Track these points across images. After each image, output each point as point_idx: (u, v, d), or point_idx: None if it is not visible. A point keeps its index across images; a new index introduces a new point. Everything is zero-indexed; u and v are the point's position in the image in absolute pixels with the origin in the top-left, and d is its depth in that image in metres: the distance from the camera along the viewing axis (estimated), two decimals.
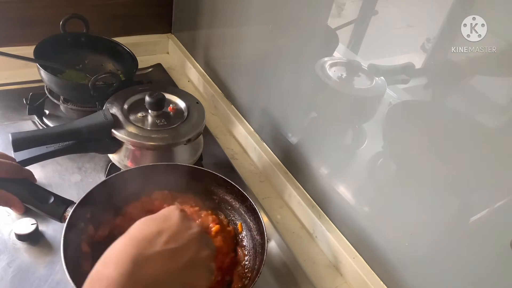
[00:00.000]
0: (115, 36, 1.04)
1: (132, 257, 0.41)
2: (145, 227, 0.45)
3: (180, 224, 0.46)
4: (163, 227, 0.45)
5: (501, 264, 0.52)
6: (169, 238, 0.44)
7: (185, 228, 0.46)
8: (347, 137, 0.78)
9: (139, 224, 0.45)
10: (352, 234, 0.75)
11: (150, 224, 0.45)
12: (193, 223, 0.48)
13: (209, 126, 1.03)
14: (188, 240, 0.45)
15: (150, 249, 0.42)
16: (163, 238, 0.43)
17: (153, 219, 0.46)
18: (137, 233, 0.44)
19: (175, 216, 0.47)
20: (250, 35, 0.95)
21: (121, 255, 0.41)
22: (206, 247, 0.47)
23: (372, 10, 0.65)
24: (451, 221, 0.59)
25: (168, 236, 0.44)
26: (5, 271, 0.64)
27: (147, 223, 0.46)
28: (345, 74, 0.72)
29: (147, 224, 0.45)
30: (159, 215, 0.47)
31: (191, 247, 0.45)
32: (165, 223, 0.46)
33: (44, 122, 0.91)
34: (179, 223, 0.46)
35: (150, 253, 0.41)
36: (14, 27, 1.03)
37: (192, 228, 0.47)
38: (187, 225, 0.46)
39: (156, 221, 0.46)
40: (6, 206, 0.63)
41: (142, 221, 0.46)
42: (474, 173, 0.55)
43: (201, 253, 0.46)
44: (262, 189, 0.90)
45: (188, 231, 0.46)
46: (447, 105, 0.58)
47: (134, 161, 0.78)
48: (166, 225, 0.45)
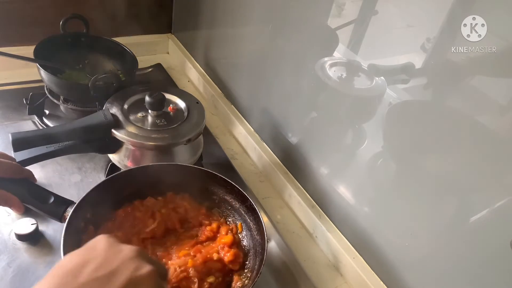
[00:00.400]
0: (115, 36, 1.04)
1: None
2: (67, 262, 0.42)
3: (107, 250, 0.44)
4: (89, 257, 0.42)
5: (501, 264, 0.52)
6: (97, 266, 0.41)
7: (114, 253, 0.43)
8: (347, 137, 0.78)
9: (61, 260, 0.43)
10: (352, 234, 0.75)
11: (73, 258, 0.43)
12: (124, 246, 0.45)
13: (209, 126, 1.03)
14: (120, 263, 0.42)
15: (74, 283, 0.39)
16: (90, 267, 0.41)
17: (76, 252, 0.44)
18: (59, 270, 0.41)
19: (101, 243, 0.45)
20: (250, 35, 0.95)
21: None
22: (146, 264, 0.44)
23: (372, 10, 0.65)
24: (451, 221, 0.59)
25: (95, 264, 0.41)
26: (5, 271, 0.64)
27: (70, 257, 0.43)
28: (345, 74, 0.72)
29: (69, 258, 0.43)
30: (84, 246, 0.45)
31: (127, 267, 0.42)
32: (91, 253, 0.43)
33: (44, 122, 0.91)
34: (107, 248, 0.44)
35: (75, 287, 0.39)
36: (14, 27, 1.03)
37: (123, 251, 0.44)
38: (116, 249, 0.44)
39: (80, 253, 0.43)
40: (6, 206, 0.63)
41: (65, 257, 0.43)
42: (474, 173, 0.55)
43: (140, 270, 0.43)
44: (262, 189, 0.90)
45: (119, 255, 0.43)
46: (447, 105, 0.58)
47: (134, 161, 0.78)
48: (92, 255, 0.43)
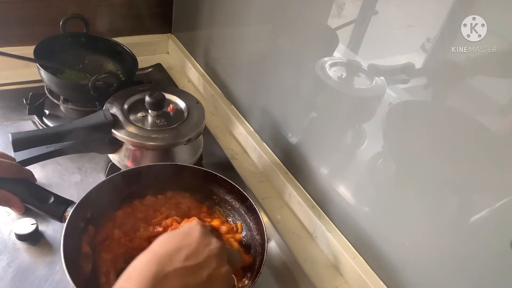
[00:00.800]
0: (115, 36, 1.04)
1: (152, 274, 0.42)
2: (166, 244, 0.46)
3: (199, 241, 0.47)
4: (183, 244, 0.46)
5: (501, 264, 0.52)
6: (189, 255, 0.45)
7: (204, 245, 0.47)
8: (347, 137, 0.78)
9: (161, 240, 0.47)
10: (352, 234, 0.75)
11: (171, 241, 0.47)
12: (213, 239, 0.49)
13: (209, 126, 1.03)
14: (207, 256, 0.46)
15: (170, 266, 0.43)
16: (183, 254, 0.45)
17: (174, 235, 0.48)
18: (158, 250, 0.46)
19: (195, 232, 0.48)
20: (250, 35, 0.95)
21: (143, 271, 0.43)
22: (225, 264, 0.48)
23: (372, 10, 0.65)
24: (451, 221, 0.59)
25: (187, 252, 0.45)
26: (5, 271, 0.64)
27: (168, 239, 0.47)
28: (345, 74, 0.72)
29: (168, 240, 0.47)
30: (180, 231, 0.49)
31: (210, 263, 0.46)
32: (186, 240, 0.47)
33: (44, 122, 0.91)
34: (199, 239, 0.48)
35: (170, 270, 0.43)
36: (14, 27, 1.03)
37: (212, 245, 0.48)
38: (207, 241, 0.48)
39: (176, 237, 0.48)
40: (6, 206, 0.64)
41: (164, 237, 0.47)
42: (474, 173, 0.55)
43: (220, 269, 0.47)
44: (262, 189, 0.90)
45: (207, 248, 0.47)
46: (447, 105, 0.58)
47: (134, 161, 0.78)
48: (186, 242, 0.47)
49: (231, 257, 0.51)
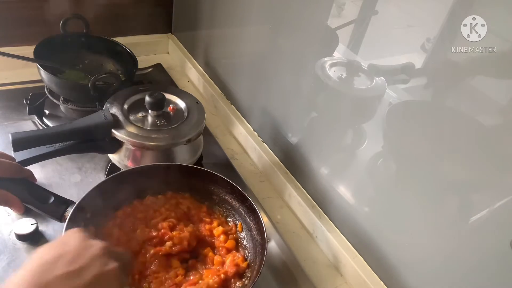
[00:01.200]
0: (115, 36, 1.04)
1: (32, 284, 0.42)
2: (43, 255, 0.46)
3: (79, 246, 0.47)
4: (62, 251, 0.46)
5: (501, 264, 0.52)
6: (70, 260, 0.45)
7: (85, 248, 0.47)
8: (347, 137, 0.78)
9: (37, 252, 0.46)
10: (352, 234, 0.75)
11: (50, 250, 0.46)
12: (94, 241, 0.49)
13: (209, 126, 1.03)
14: (89, 258, 0.46)
15: (50, 274, 0.43)
16: (63, 261, 0.45)
17: (51, 245, 0.47)
18: (35, 262, 0.45)
19: (74, 238, 0.48)
20: (250, 35, 0.95)
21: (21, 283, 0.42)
22: (112, 261, 0.48)
23: (372, 10, 0.65)
24: (451, 221, 0.59)
25: (68, 258, 0.45)
26: (5, 271, 0.64)
27: (45, 250, 0.47)
28: (345, 74, 0.72)
29: (45, 251, 0.46)
30: (58, 240, 0.48)
31: (94, 264, 0.46)
32: (64, 247, 0.47)
33: (44, 122, 0.91)
34: (79, 244, 0.47)
35: (50, 278, 0.43)
36: (14, 27, 1.03)
37: (93, 246, 0.48)
38: (87, 244, 0.48)
39: (54, 246, 0.47)
40: (6, 206, 0.64)
41: (41, 249, 0.47)
42: (474, 173, 0.55)
43: (106, 267, 0.47)
44: (262, 189, 0.90)
45: (89, 250, 0.47)
46: (447, 105, 0.58)
47: (134, 161, 0.78)
48: (65, 249, 0.46)
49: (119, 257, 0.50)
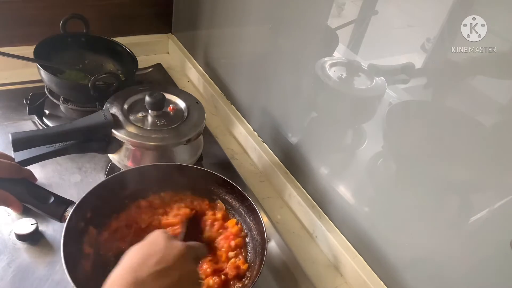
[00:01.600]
0: (115, 36, 1.04)
1: (131, 282, 0.46)
2: (135, 255, 0.50)
3: (165, 246, 0.51)
4: (152, 251, 0.50)
5: (501, 264, 0.52)
6: (158, 260, 0.49)
7: (171, 249, 0.51)
8: (347, 137, 0.78)
9: (130, 253, 0.50)
10: (352, 234, 0.75)
11: (139, 251, 0.50)
12: (177, 242, 0.53)
13: (209, 126, 1.03)
14: (174, 258, 0.50)
15: (144, 272, 0.47)
16: (153, 260, 0.48)
17: (141, 245, 0.51)
18: (130, 261, 0.49)
19: (160, 239, 0.52)
20: (250, 35, 0.95)
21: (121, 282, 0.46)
22: (191, 261, 0.53)
23: (372, 10, 0.65)
24: (451, 221, 0.59)
25: (157, 258, 0.49)
26: (5, 271, 0.64)
27: (136, 251, 0.51)
28: (345, 74, 0.72)
29: (137, 252, 0.50)
30: (146, 241, 0.52)
31: (179, 264, 0.50)
32: (153, 247, 0.51)
33: (44, 122, 0.91)
34: (165, 245, 0.51)
35: (144, 276, 0.47)
36: (14, 27, 1.03)
37: (177, 247, 0.52)
38: (172, 245, 0.52)
39: (144, 247, 0.51)
40: (4, 205, 0.64)
41: (132, 250, 0.51)
42: (474, 173, 0.55)
43: (188, 268, 0.52)
44: (262, 189, 0.90)
45: (174, 251, 0.51)
46: (447, 105, 0.58)
47: (134, 161, 0.78)
48: (154, 249, 0.50)
49: (197, 251, 0.56)
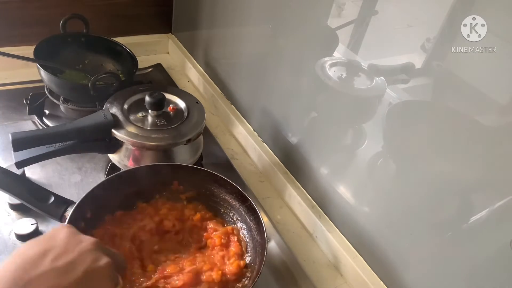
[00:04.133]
0: (115, 36, 1.04)
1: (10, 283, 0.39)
2: (27, 250, 0.43)
3: (67, 241, 0.44)
4: (49, 246, 0.43)
5: (501, 264, 0.52)
6: (56, 256, 0.42)
7: (74, 243, 0.44)
8: (347, 137, 0.78)
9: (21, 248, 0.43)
10: (352, 234, 0.75)
11: (33, 246, 0.43)
12: (84, 237, 0.46)
13: (209, 126, 1.03)
14: (79, 253, 0.43)
15: (33, 271, 0.40)
16: (50, 257, 0.42)
17: (36, 240, 0.44)
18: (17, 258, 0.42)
19: (61, 233, 0.45)
20: (250, 35, 0.95)
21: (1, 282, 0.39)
22: (103, 256, 0.45)
23: (372, 10, 0.65)
24: (451, 221, 0.59)
25: (55, 254, 0.42)
26: None
27: (30, 245, 0.43)
28: (345, 74, 0.72)
29: (30, 246, 0.43)
30: (44, 235, 0.45)
31: (84, 259, 0.43)
32: (51, 242, 0.44)
33: (44, 122, 0.91)
34: (67, 239, 0.44)
35: (33, 275, 0.40)
36: (14, 27, 1.03)
37: (83, 242, 0.45)
38: (76, 239, 0.45)
39: (40, 242, 0.44)
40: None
41: (25, 244, 0.44)
42: (474, 173, 0.55)
43: (98, 263, 0.44)
44: (262, 189, 0.90)
45: (79, 245, 0.44)
46: (447, 105, 0.58)
47: (134, 161, 0.78)
48: (52, 244, 0.43)
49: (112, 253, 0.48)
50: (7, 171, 0.66)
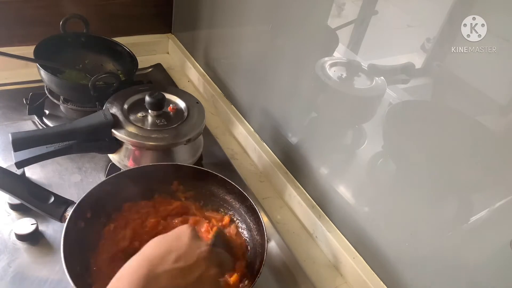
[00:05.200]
0: (115, 36, 1.04)
1: (144, 274, 0.44)
2: (157, 246, 0.48)
3: (190, 244, 0.49)
4: (174, 246, 0.48)
5: (501, 264, 0.52)
6: (179, 257, 0.46)
7: (195, 248, 0.48)
8: (347, 137, 0.78)
9: (152, 243, 0.48)
10: (352, 234, 0.75)
11: (162, 244, 0.48)
12: (203, 241, 0.50)
13: (209, 126, 1.03)
14: (197, 258, 0.48)
15: (161, 267, 0.45)
16: (173, 256, 0.46)
17: (165, 238, 0.49)
18: (149, 252, 0.47)
19: (185, 235, 0.50)
20: (250, 35, 0.95)
21: (135, 272, 0.44)
22: (215, 265, 0.50)
23: (372, 10, 0.65)
24: (451, 221, 0.59)
25: (177, 255, 0.47)
26: (5, 271, 0.64)
27: (159, 242, 0.48)
28: (345, 74, 0.72)
29: (159, 243, 0.48)
30: (171, 234, 0.50)
31: (200, 265, 0.47)
32: (176, 242, 0.48)
33: (44, 122, 0.91)
34: (189, 242, 0.49)
35: (160, 271, 0.44)
36: (14, 27, 1.03)
37: (201, 247, 0.49)
38: (197, 244, 0.49)
39: (167, 240, 0.49)
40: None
41: (155, 240, 0.49)
42: (474, 173, 0.55)
43: (209, 271, 0.49)
44: (262, 189, 0.90)
45: (197, 250, 0.48)
46: (447, 105, 0.58)
47: (134, 161, 0.78)
48: (177, 244, 0.48)
49: (221, 260, 0.52)
50: (7, 171, 0.66)
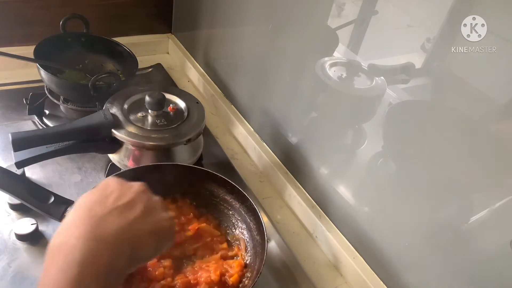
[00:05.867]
0: (115, 36, 1.04)
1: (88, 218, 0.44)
2: (90, 197, 0.48)
3: (121, 186, 0.50)
4: (106, 192, 0.48)
5: (501, 264, 0.52)
6: (117, 198, 0.47)
7: (127, 188, 0.49)
8: (347, 137, 0.78)
9: (83, 197, 0.48)
10: (352, 234, 0.75)
11: (94, 193, 0.48)
12: (133, 183, 0.51)
13: (209, 126, 1.03)
14: (135, 194, 0.49)
15: (103, 210, 0.45)
16: (111, 199, 0.47)
17: (93, 190, 0.49)
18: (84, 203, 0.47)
19: (113, 181, 0.50)
20: (250, 35, 0.95)
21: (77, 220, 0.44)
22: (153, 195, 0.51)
23: (372, 10, 0.65)
24: (451, 221, 0.59)
25: (115, 196, 0.47)
26: (5, 271, 0.64)
27: (91, 194, 0.48)
28: (345, 74, 0.72)
29: (91, 194, 0.48)
30: (98, 186, 0.50)
31: (141, 197, 0.49)
32: (107, 189, 0.49)
33: (44, 122, 0.91)
34: (120, 185, 0.50)
35: (104, 212, 0.45)
36: (14, 27, 1.03)
37: (134, 186, 0.50)
38: (127, 185, 0.50)
39: (97, 190, 0.49)
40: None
41: (83, 196, 0.48)
42: (474, 173, 0.55)
43: (152, 199, 0.50)
44: (262, 189, 0.90)
45: (132, 188, 0.50)
46: (447, 105, 0.58)
47: (134, 161, 0.78)
48: (109, 190, 0.49)
49: None
50: (7, 171, 0.66)
